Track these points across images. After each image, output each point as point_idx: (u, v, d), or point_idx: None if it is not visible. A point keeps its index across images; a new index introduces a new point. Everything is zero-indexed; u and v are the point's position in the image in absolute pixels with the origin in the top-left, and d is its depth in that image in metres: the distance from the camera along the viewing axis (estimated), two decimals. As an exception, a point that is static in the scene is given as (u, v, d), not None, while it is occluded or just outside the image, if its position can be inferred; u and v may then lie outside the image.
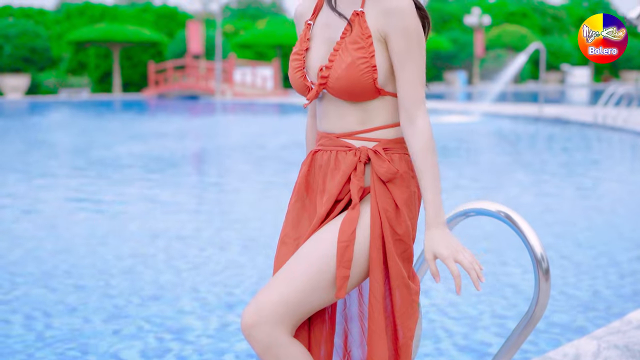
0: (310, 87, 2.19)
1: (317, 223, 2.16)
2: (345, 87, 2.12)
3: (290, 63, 2.24)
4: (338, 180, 2.15)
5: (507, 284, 4.86)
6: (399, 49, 2.10)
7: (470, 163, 11.35)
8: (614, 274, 5.10)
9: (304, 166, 2.27)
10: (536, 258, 2.50)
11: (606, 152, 13.20)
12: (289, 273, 2.09)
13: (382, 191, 2.13)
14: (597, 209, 7.40)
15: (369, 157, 2.14)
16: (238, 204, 8.01)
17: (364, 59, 2.10)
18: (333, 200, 2.16)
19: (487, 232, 6.21)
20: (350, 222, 2.09)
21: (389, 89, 2.15)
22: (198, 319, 4.23)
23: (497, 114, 20.58)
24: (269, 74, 35.19)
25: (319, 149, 2.23)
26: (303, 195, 2.25)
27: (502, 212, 2.56)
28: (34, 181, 9.51)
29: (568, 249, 5.78)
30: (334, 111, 2.19)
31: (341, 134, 2.18)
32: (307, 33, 2.24)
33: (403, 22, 2.09)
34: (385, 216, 2.12)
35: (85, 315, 4.26)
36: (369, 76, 2.10)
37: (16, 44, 33.86)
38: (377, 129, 2.17)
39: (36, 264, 5.35)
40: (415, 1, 2.14)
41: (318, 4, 2.27)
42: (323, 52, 2.19)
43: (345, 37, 2.14)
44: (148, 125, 19.76)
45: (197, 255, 5.64)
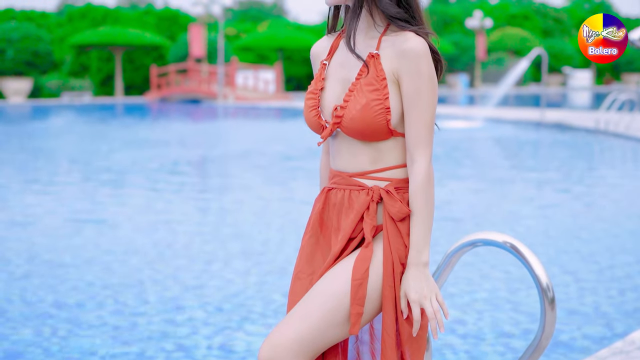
0: (325, 125, 2.25)
1: (331, 260, 2.23)
2: (359, 128, 2.18)
3: (305, 101, 2.30)
4: (352, 219, 2.22)
5: (512, 301, 4.92)
6: (409, 90, 2.16)
7: (473, 172, 11.40)
8: (616, 289, 5.15)
9: (318, 203, 2.33)
10: (542, 287, 2.57)
11: (608, 161, 13.26)
12: (304, 310, 2.16)
13: (394, 230, 2.20)
14: (600, 220, 7.45)
15: (381, 197, 2.21)
16: (242, 215, 8.07)
17: (378, 100, 2.16)
18: (347, 238, 2.22)
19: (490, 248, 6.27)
20: (363, 261, 2.16)
21: (401, 130, 2.21)
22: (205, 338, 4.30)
23: (499, 119, 20.65)
24: (270, 78, 35.26)
25: (332, 187, 2.29)
26: (317, 232, 2.32)
27: (507, 242, 2.66)
28: (35, 189, 9.58)
29: (572, 263, 5.84)
30: (347, 150, 2.25)
31: (354, 173, 2.25)
32: (322, 72, 2.30)
33: (416, 64, 2.15)
34: (397, 255, 2.18)
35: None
36: (382, 117, 2.16)
37: (19, 47, 33.94)
38: (389, 168, 2.23)
39: (34, 274, 5.42)
40: (430, 44, 2.21)
41: (334, 44, 2.33)
42: (338, 91, 2.25)
43: (360, 78, 2.20)
44: (150, 132, 19.84)
45: (202, 269, 5.70)
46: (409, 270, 2.16)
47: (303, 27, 48.87)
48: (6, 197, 9.05)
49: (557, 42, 50.09)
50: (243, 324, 4.52)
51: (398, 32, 2.19)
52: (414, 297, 2.13)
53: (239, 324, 4.52)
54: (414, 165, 2.17)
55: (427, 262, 2.18)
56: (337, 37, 2.35)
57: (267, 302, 4.93)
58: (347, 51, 2.28)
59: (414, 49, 2.14)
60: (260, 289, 5.22)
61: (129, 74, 38.38)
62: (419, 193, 2.16)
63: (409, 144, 2.18)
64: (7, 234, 6.98)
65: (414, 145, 2.17)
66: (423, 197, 2.16)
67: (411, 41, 2.15)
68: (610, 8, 63.75)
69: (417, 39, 2.15)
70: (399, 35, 2.18)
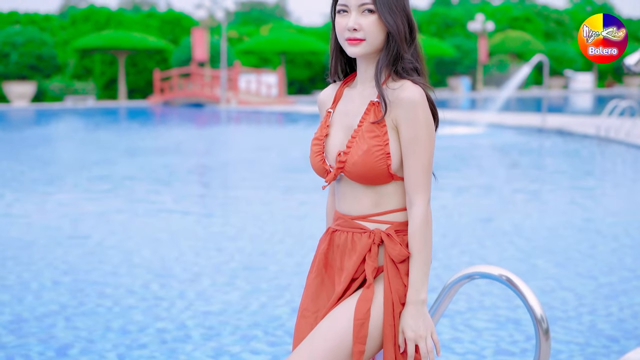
0: (329, 170, 2.38)
1: (335, 300, 2.36)
2: (361, 172, 2.31)
3: (311, 147, 2.43)
4: (354, 261, 2.35)
5: (510, 320, 5.03)
6: (407, 137, 2.28)
7: (474, 182, 11.51)
8: (615, 307, 5.26)
9: (322, 244, 2.46)
10: (536, 319, 2.68)
11: (610, 169, 13.35)
12: (309, 347, 2.28)
13: (394, 272, 2.32)
14: (599, 234, 7.55)
15: (382, 239, 2.33)
16: (245, 226, 8.17)
17: (379, 146, 2.28)
18: (350, 279, 2.36)
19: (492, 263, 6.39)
20: (365, 302, 2.29)
21: (401, 174, 2.34)
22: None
23: (501, 125, 20.76)
24: (273, 81, 35.40)
25: (337, 229, 2.42)
26: (322, 272, 2.44)
27: (503, 275, 2.80)
28: (35, 196, 9.69)
29: (569, 279, 5.94)
30: (350, 193, 2.38)
31: (356, 216, 2.37)
32: (327, 120, 2.43)
33: (414, 112, 2.27)
34: (397, 295, 2.31)
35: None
36: (383, 162, 2.29)
37: (22, 51, 34.12)
38: (390, 212, 2.35)
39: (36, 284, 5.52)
40: (427, 95, 2.33)
41: (337, 93, 2.46)
42: (341, 138, 2.38)
43: (362, 125, 2.33)
44: (153, 138, 19.95)
45: (207, 283, 5.81)
46: (408, 307, 2.29)
47: (305, 30, 49.00)
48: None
49: (559, 45, 50.20)
50: (246, 344, 4.63)
51: (397, 81, 2.31)
52: (411, 336, 2.27)
53: (243, 346, 4.63)
54: (412, 208, 2.30)
55: (425, 300, 2.31)
56: (341, 86, 2.47)
57: (271, 318, 5.03)
58: (350, 100, 2.41)
59: (412, 98, 2.26)
60: (265, 305, 5.32)
61: (132, 77, 38.56)
62: (417, 235, 2.29)
63: (408, 187, 2.30)
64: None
65: (412, 189, 2.29)
66: (422, 239, 2.29)
67: (409, 90, 2.27)
68: (612, 10, 63.84)
69: (415, 88, 2.28)
70: (396, 83, 2.30)
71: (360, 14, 2.27)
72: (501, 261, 6.51)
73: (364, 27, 2.27)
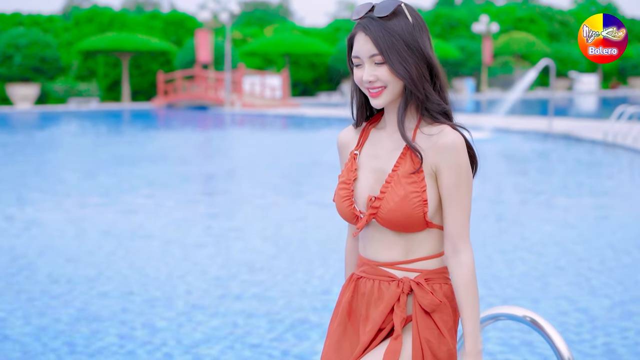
0: (359, 215, 2.29)
1: (360, 351, 2.28)
2: (397, 219, 2.22)
3: (337, 192, 2.33)
4: (381, 310, 2.26)
5: (526, 342, 4.97)
6: (449, 183, 2.21)
7: (484, 193, 11.44)
8: (631, 330, 5.19)
9: (347, 291, 2.38)
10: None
11: (617, 176, 13.28)
12: (335, 400, 2.22)
13: (424, 322, 2.24)
14: (611, 248, 7.48)
15: (411, 288, 2.26)
16: (248, 235, 8.12)
17: (417, 193, 2.20)
18: (376, 329, 2.27)
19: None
20: (393, 354, 2.21)
21: (436, 222, 2.26)
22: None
23: (508, 130, 20.68)
24: (277, 84, 35.35)
25: (361, 276, 2.34)
26: (345, 320, 2.36)
27: (527, 316, 2.79)
28: (36, 203, 9.64)
29: (583, 299, 5.88)
30: (379, 240, 2.29)
31: (384, 263, 2.29)
32: (353, 163, 2.33)
33: (456, 158, 2.20)
34: (427, 346, 2.23)
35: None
36: (420, 210, 2.21)
37: (26, 53, 34.10)
38: (420, 259, 2.27)
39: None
40: (466, 140, 2.26)
41: (363, 134, 2.37)
42: (371, 182, 2.28)
43: (397, 170, 2.24)
44: (157, 143, 19.90)
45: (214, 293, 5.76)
46: (467, 359, 2.22)
47: (310, 31, 48.91)
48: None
49: (563, 46, 50.10)
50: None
51: (432, 125, 2.24)
52: None
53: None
54: (459, 255, 2.22)
55: (481, 349, 2.23)
56: (366, 126, 2.39)
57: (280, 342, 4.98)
58: (378, 141, 2.33)
59: (454, 143, 2.20)
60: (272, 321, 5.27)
61: (135, 79, 38.52)
62: (470, 285, 2.21)
63: (452, 235, 2.22)
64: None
65: (458, 236, 2.22)
66: (473, 288, 2.22)
67: (449, 135, 2.21)
68: (616, 10, 63.70)
69: (455, 134, 2.21)
70: (433, 128, 2.23)
71: (372, 65, 2.21)
72: (511, 277, 6.46)
73: (380, 77, 2.20)
